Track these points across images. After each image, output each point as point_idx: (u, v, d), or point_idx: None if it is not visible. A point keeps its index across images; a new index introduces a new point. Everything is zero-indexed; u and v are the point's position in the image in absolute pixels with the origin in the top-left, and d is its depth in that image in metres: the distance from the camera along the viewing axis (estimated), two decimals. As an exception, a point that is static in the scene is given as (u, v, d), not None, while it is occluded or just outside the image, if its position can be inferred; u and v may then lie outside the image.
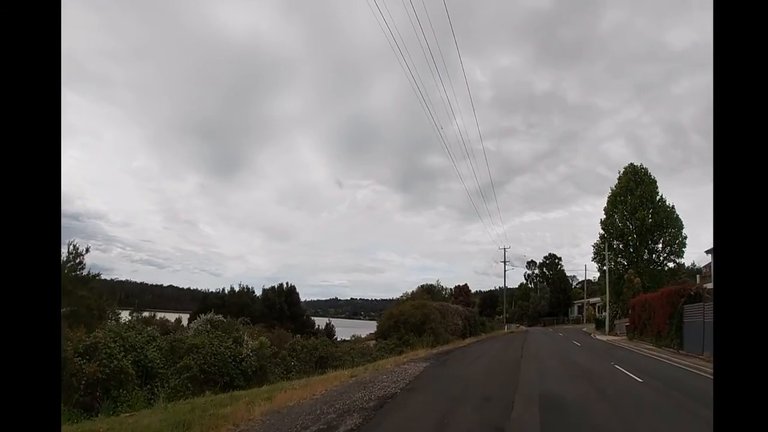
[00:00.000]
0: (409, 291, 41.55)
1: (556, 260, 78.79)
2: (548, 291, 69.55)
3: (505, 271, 54.99)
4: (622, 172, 39.11)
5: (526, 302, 73.90)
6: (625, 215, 37.23)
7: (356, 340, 28.04)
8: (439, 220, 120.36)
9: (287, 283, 33.27)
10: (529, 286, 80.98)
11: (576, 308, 70.00)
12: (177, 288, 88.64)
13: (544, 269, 79.19)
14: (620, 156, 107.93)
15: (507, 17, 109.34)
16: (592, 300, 67.19)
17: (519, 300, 79.34)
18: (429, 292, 38.21)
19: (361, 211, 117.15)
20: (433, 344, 21.20)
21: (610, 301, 38.96)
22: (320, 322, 36.13)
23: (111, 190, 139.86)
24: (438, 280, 51.05)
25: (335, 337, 29.28)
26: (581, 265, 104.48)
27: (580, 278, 77.22)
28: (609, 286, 36.78)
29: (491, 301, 59.86)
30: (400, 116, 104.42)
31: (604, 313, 45.65)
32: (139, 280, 79.52)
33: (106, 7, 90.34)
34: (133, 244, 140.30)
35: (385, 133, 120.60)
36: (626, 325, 31.01)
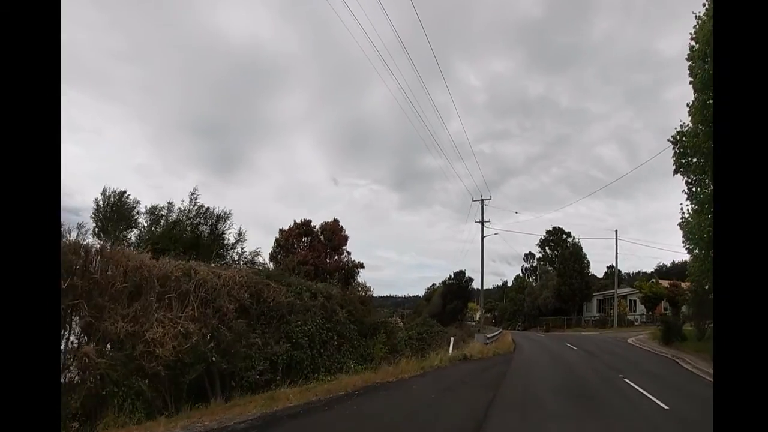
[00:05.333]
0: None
1: (564, 236, 55.52)
2: (554, 277, 45.90)
3: (482, 234, 32.02)
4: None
5: (521, 294, 50.73)
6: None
7: None
8: (436, 219, 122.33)
9: None
10: (528, 279, 57.83)
11: (595, 303, 46.67)
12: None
13: (547, 249, 55.91)
14: (612, 159, 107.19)
15: (501, 24, 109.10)
16: (622, 291, 44.17)
17: (513, 292, 56.34)
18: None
19: (358, 210, 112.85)
20: None
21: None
22: None
23: (112, 186, 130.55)
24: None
25: None
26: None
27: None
28: None
29: (460, 291, 36.24)
30: (396, 118, 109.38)
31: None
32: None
33: (111, 6, 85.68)
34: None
35: (382, 133, 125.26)
36: None
